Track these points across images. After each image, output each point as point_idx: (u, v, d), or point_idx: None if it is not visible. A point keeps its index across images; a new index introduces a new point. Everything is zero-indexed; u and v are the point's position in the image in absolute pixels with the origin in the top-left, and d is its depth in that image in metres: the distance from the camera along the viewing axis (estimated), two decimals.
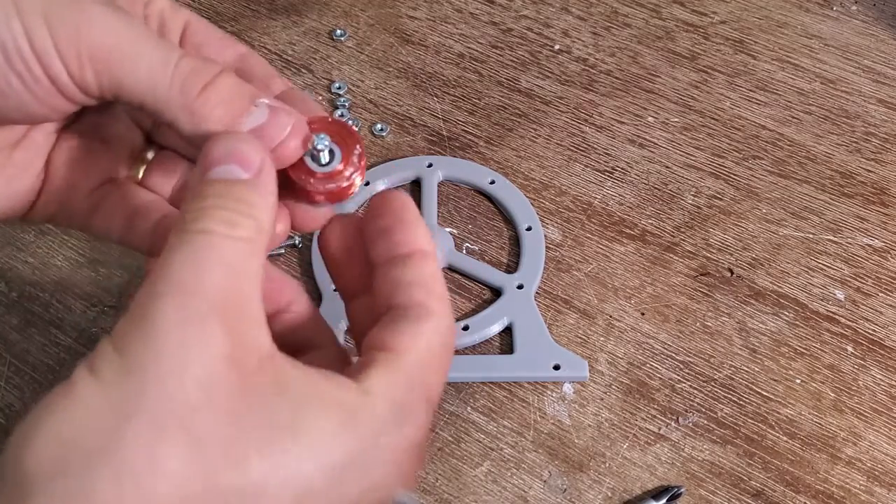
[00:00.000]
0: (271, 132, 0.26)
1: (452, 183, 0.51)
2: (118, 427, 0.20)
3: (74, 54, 0.25)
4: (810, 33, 0.58)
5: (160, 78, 0.25)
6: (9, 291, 0.47)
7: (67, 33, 0.24)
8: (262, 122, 0.26)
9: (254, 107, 0.26)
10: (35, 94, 0.25)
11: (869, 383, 0.42)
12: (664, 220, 0.49)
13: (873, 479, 0.39)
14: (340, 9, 0.60)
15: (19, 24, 0.24)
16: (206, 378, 0.21)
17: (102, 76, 0.25)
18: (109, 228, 0.30)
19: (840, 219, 0.49)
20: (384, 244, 0.27)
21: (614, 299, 0.45)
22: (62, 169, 0.30)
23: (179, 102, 0.25)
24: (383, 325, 0.25)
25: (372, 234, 0.27)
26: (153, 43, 0.26)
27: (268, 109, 0.26)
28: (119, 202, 0.30)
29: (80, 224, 0.31)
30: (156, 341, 0.21)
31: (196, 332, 0.21)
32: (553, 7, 0.60)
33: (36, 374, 0.44)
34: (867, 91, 0.55)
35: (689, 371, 0.43)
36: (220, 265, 0.22)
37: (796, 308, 0.45)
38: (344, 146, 0.27)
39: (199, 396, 0.21)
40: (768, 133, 0.53)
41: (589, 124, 0.53)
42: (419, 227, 0.27)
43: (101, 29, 0.25)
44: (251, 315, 0.23)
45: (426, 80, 0.56)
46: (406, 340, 0.25)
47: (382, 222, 0.27)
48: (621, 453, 0.40)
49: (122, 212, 0.30)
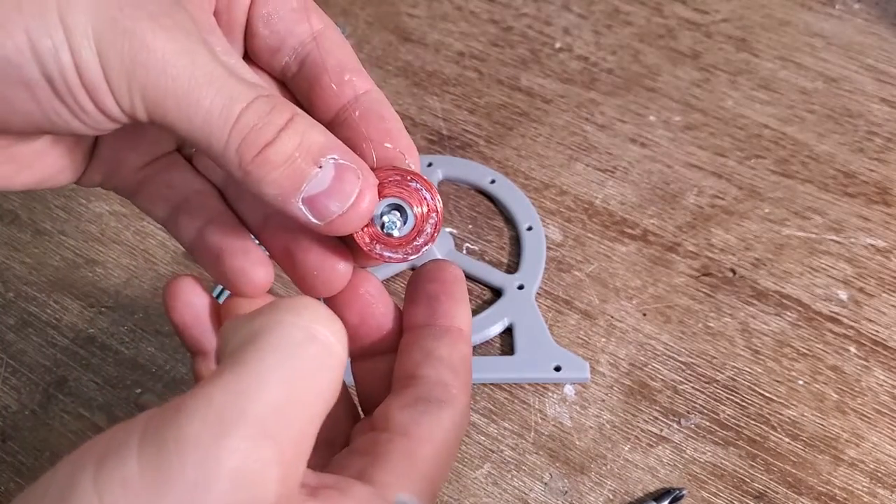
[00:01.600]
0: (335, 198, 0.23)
1: (452, 182, 0.50)
2: None
3: (126, 91, 0.22)
4: (813, 32, 0.58)
5: (216, 132, 0.23)
6: (5, 292, 0.46)
7: (120, 68, 0.22)
8: (324, 187, 0.23)
9: (317, 168, 0.23)
10: (82, 120, 0.23)
11: (872, 384, 0.42)
12: (666, 219, 0.48)
13: (876, 481, 0.39)
14: (339, 6, 0.60)
15: (69, 55, 0.21)
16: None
17: (154, 116, 0.23)
18: (152, 211, 0.29)
19: (843, 219, 0.48)
20: (425, 311, 0.26)
21: (616, 300, 0.45)
22: (110, 143, 0.28)
23: (235, 161, 0.23)
24: (403, 402, 0.24)
25: (415, 297, 0.26)
26: (216, 87, 0.23)
27: (333, 170, 0.23)
28: (165, 187, 0.28)
29: (127, 195, 0.29)
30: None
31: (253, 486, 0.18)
32: (554, 5, 0.60)
33: (33, 375, 0.43)
34: (870, 90, 0.54)
35: (691, 372, 0.43)
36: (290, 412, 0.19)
37: (799, 309, 0.45)
38: (417, 205, 0.25)
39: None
40: (770, 132, 0.52)
41: (590, 123, 0.53)
42: (465, 307, 0.26)
43: (158, 68, 0.22)
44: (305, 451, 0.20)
45: (426, 78, 0.56)
46: (424, 430, 0.24)
47: (431, 288, 0.26)
48: (623, 455, 0.40)
49: (166, 199, 0.28)
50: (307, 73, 0.27)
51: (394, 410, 0.24)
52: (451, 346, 0.25)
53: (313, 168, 0.23)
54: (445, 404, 0.24)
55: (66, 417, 0.42)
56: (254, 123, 0.23)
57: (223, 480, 0.17)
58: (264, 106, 0.23)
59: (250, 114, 0.23)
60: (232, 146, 0.23)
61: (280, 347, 0.19)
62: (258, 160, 0.23)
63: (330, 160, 0.23)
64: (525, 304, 0.44)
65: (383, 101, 0.26)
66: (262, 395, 0.18)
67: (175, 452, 0.17)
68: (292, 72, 0.27)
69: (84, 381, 0.43)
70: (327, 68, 0.26)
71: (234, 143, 0.23)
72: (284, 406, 0.19)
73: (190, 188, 0.28)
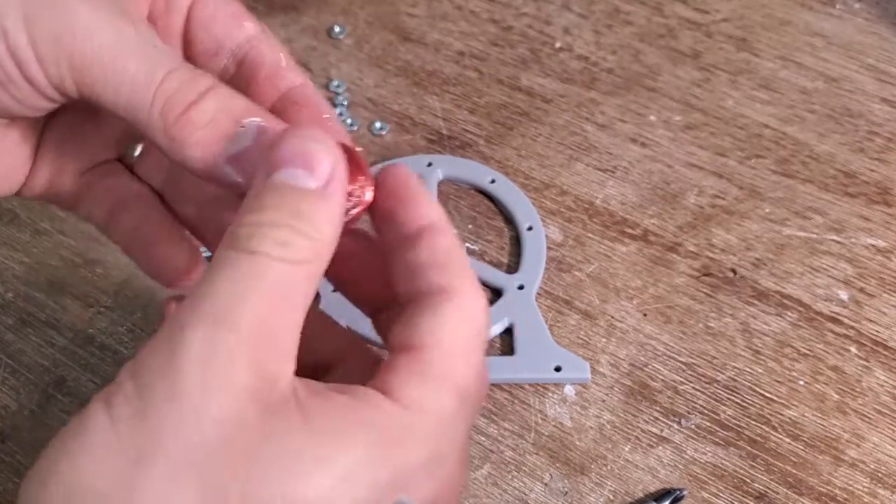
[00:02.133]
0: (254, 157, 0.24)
1: (452, 182, 0.50)
2: (132, 473, 0.19)
3: (53, 60, 0.23)
4: (813, 31, 0.58)
5: (141, 96, 0.24)
6: (4, 292, 0.46)
7: (47, 37, 0.23)
8: (245, 145, 0.24)
9: (240, 128, 0.24)
10: (12, 94, 0.24)
11: (873, 385, 0.42)
12: (666, 219, 0.48)
13: (877, 481, 0.39)
14: (339, 6, 0.60)
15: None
16: (226, 419, 0.20)
17: (82, 87, 0.24)
18: (92, 215, 0.30)
19: (843, 219, 0.48)
20: (389, 228, 0.24)
21: (616, 300, 0.45)
22: (52, 148, 0.28)
23: (159, 125, 0.24)
24: (404, 319, 0.23)
25: (377, 222, 0.25)
26: (139, 55, 0.24)
27: (255, 131, 0.24)
28: (105, 191, 0.29)
29: (68, 206, 0.30)
30: (175, 383, 0.20)
31: (220, 373, 0.20)
32: (554, 4, 0.60)
33: (32, 376, 0.43)
34: (870, 90, 0.54)
35: (692, 372, 0.42)
36: (264, 294, 0.21)
37: (800, 309, 0.45)
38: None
39: (217, 439, 0.19)
40: (771, 132, 0.52)
41: (590, 123, 0.53)
42: (423, 200, 0.24)
43: (84, 36, 0.23)
44: (284, 348, 0.21)
45: (425, 78, 0.56)
46: (426, 335, 0.22)
47: (384, 205, 0.25)
48: (623, 456, 0.40)
49: (105, 202, 0.29)
50: (244, 72, 0.28)
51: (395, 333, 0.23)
52: (427, 247, 0.24)
53: (236, 127, 0.24)
54: (443, 302, 0.23)
55: (65, 417, 0.42)
56: (177, 87, 0.24)
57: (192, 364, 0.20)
58: (186, 73, 0.24)
59: (173, 78, 0.24)
60: (156, 109, 0.23)
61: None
62: (182, 121, 0.24)
63: (253, 121, 0.24)
64: (525, 304, 0.44)
65: (316, 93, 0.27)
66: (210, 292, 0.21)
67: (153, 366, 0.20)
68: (230, 73, 0.28)
69: (83, 381, 0.43)
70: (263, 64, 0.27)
71: (157, 105, 0.23)
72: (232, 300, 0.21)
73: (129, 191, 0.29)
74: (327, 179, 0.22)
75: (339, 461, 0.20)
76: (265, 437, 0.20)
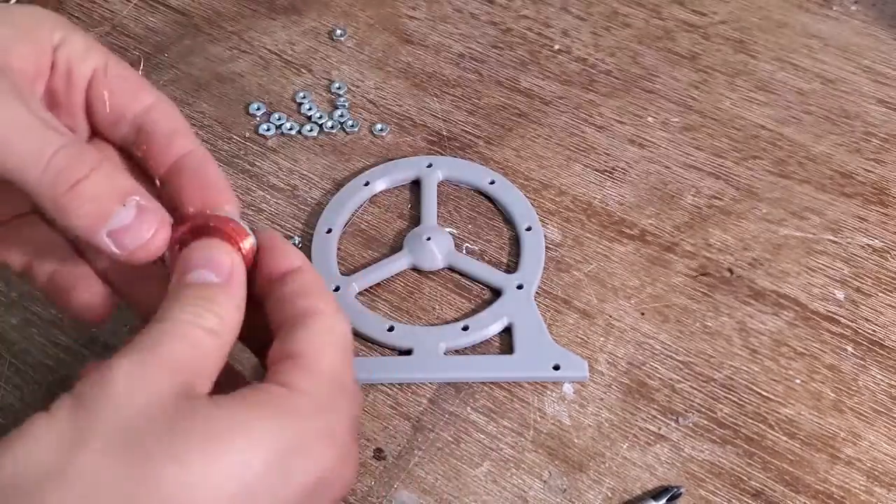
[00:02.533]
0: (135, 233, 0.28)
1: (452, 183, 0.51)
2: (72, 452, 0.23)
3: None
4: (810, 33, 0.58)
5: (32, 170, 0.26)
6: (8, 291, 0.47)
7: None
8: (126, 223, 0.27)
9: (121, 206, 0.27)
10: None
11: (869, 383, 0.42)
12: (664, 220, 0.49)
13: (873, 479, 0.39)
14: (340, 8, 0.60)
15: None
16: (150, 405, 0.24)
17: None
18: (8, 259, 0.32)
19: (840, 219, 0.49)
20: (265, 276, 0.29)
21: (614, 299, 0.45)
22: None
23: (49, 196, 0.26)
24: (280, 338, 0.28)
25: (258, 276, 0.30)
26: (31, 132, 0.26)
27: (135, 210, 0.27)
28: (22, 241, 0.32)
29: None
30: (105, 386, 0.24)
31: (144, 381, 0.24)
32: (553, 7, 0.60)
33: (36, 375, 0.44)
34: (867, 91, 0.55)
35: (689, 371, 0.43)
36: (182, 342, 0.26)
37: (796, 308, 0.45)
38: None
39: (143, 420, 0.24)
40: (768, 133, 0.53)
41: (589, 124, 0.53)
42: (291, 251, 0.29)
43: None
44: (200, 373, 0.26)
45: (426, 79, 0.56)
46: (300, 342, 0.27)
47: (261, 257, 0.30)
48: (621, 453, 0.40)
49: (24, 251, 0.32)
50: (142, 139, 0.31)
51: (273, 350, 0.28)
52: (294, 282, 0.29)
53: (118, 206, 0.27)
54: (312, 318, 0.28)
55: None
56: (65, 164, 0.26)
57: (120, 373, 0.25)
58: (74, 150, 0.27)
59: (62, 155, 0.27)
60: (47, 180, 0.26)
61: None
62: (71, 194, 0.27)
63: (133, 200, 0.28)
64: (524, 303, 0.45)
65: (206, 157, 0.31)
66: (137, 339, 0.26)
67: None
68: (130, 140, 0.32)
69: None
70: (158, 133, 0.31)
71: (48, 177, 0.26)
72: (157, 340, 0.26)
73: (44, 240, 0.32)
74: (227, 275, 0.28)
75: (251, 426, 0.24)
76: (184, 415, 0.24)
